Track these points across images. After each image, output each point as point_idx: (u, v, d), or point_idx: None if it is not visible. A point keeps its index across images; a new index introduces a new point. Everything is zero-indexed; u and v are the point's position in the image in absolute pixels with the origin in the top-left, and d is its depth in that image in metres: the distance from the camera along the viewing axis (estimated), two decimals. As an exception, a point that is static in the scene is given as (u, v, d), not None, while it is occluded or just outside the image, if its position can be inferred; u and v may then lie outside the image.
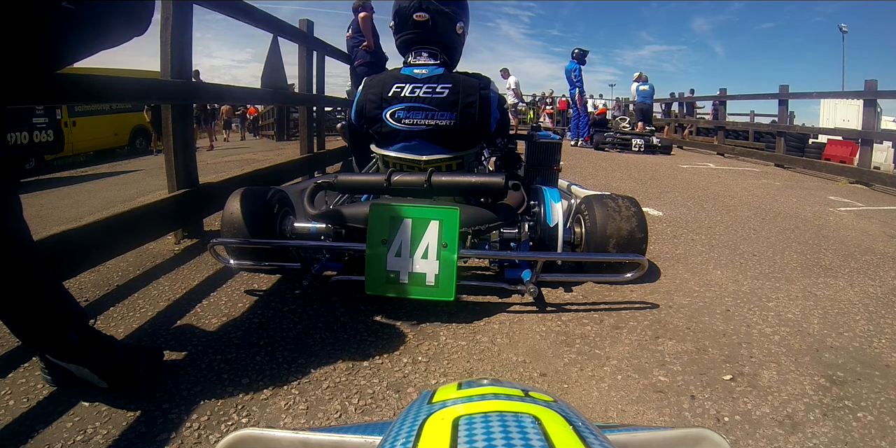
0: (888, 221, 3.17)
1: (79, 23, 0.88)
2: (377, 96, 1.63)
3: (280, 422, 1.02)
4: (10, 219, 0.95)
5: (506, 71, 9.81)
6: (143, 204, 1.99)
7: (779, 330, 1.48)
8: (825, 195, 4.24)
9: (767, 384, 1.19)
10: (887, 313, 1.64)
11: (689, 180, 4.82)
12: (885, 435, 1.02)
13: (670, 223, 2.84)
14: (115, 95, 1.97)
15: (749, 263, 2.13)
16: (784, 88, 7.03)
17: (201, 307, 1.55)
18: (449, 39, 1.69)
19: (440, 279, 1.38)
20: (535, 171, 2.34)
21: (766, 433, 1.01)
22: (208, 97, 3.16)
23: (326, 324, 1.45)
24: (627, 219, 1.72)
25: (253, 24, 2.89)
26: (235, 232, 1.71)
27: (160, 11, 2.06)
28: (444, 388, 0.35)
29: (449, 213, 1.39)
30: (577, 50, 7.88)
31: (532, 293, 1.53)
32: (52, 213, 3.22)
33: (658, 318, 1.53)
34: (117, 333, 1.36)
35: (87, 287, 1.69)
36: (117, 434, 0.97)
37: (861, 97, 5.55)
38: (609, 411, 1.08)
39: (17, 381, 1.14)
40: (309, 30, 3.93)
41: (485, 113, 1.64)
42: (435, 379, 1.19)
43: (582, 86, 8.07)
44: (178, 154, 2.15)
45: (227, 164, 5.78)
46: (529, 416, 0.28)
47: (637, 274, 1.54)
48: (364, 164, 1.95)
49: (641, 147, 7.82)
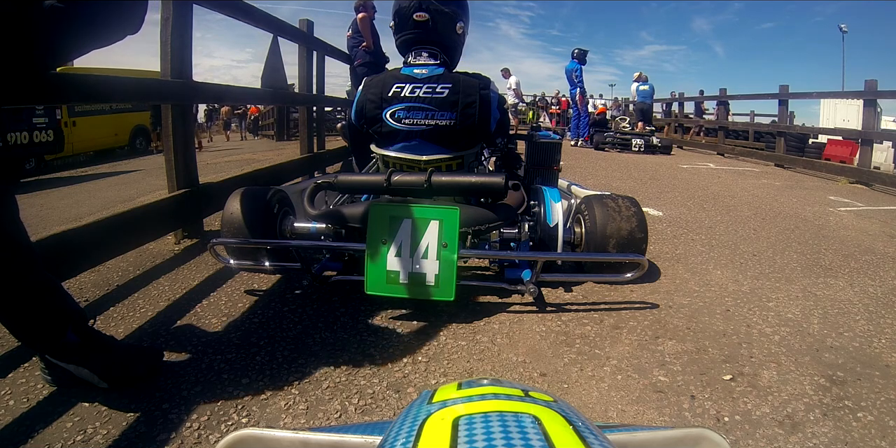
0: (888, 221, 3.17)
1: (70, 21, 0.88)
2: (377, 96, 1.63)
3: (280, 422, 1.02)
4: (6, 220, 0.96)
5: (507, 71, 9.82)
6: (143, 204, 1.99)
7: (779, 330, 1.48)
8: (825, 195, 4.24)
9: (767, 384, 1.19)
10: (887, 313, 1.64)
11: (689, 180, 4.82)
12: (885, 435, 1.02)
13: (670, 223, 2.84)
14: (115, 95, 1.97)
15: (749, 263, 2.13)
16: (784, 88, 7.03)
17: (201, 307, 1.55)
18: (449, 39, 1.69)
19: (440, 279, 1.38)
20: (535, 171, 2.34)
21: (766, 433, 1.01)
22: (208, 97, 3.16)
23: (326, 324, 1.45)
24: (627, 219, 1.72)
25: (253, 24, 2.89)
26: (235, 232, 1.71)
27: (160, 11, 2.06)
28: (444, 388, 0.35)
29: (449, 213, 1.39)
30: (577, 50, 7.88)
31: (532, 293, 1.52)
32: (52, 213, 3.22)
33: (658, 318, 1.53)
34: (117, 333, 1.36)
35: (87, 287, 1.69)
36: (117, 434, 0.97)
37: (861, 97, 5.55)
38: (609, 411, 1.08)
39: (17, 381, 1.14)
40: (309, 30, 3.93)
41: (485, 113, 1.64)
42: (435, 379, 1.19)
43: (583, 85, 8.07)
44: (178, 154, 2.15)
45: (228, 164, 5.78)
46: (529, 416, 0.28)
47: (637, 274, 1.54)
48: (364, 164, 1.95)
49: (641, 147, 7.82)
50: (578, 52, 7.87)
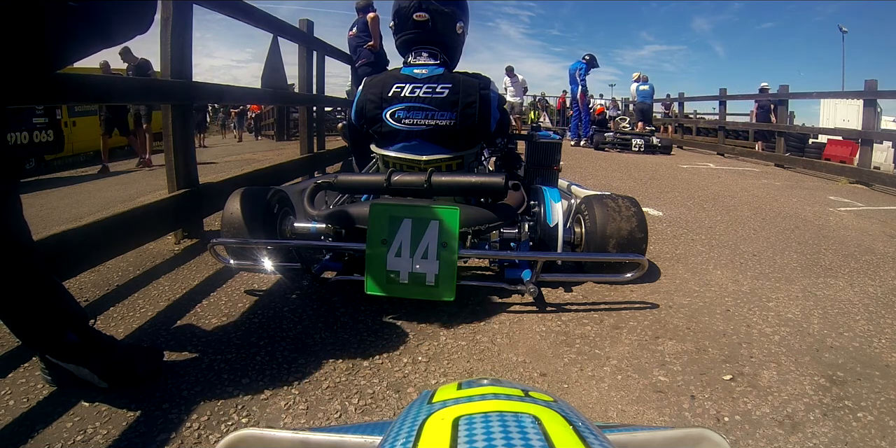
0: (888, 221, 3.17)
1: (82, 21, 0.88)
2: (377, 96, 1.63)
3: (280, 422, 1.02)
4: (11, 219, 0.95)
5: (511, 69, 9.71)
6: (143, 204, 1.99)
7: (779, 330, 1.48)
8: (825, 195, 4.24)
9: (767, 384, 1.19)
10: (887, 313, 1.64)
11: (689, 180, 4.82)
12: (885, 435, 1.02)
13: (670, 223, 2.84)
14: (115, 95, 1.97)
15: (749, 263, 2.13)
16: (784, 88, 7.04)
17: (201, 307, 1.55)
18: (449, 39, 1.69)
19: (440, 279, 1.38)
20: (534, 171, 2.34)
21: (766, 433, 1.01)
22: (208, 97, 3.16)
23: (326, 324, 1.45)
24: (627, 219, 1.72)
25: (253, 24, 2.89)
26: (236, 232, 1.71)
27: (160, 11, 2.06)
28: (444, 388, 0.35)
29: (449, 213, 1.39)
30: (588, 56, 7.93)
31: (532, 293, 1.52)
32: (52, 213, 3.22)
33: (658, 318, 1.53)
34: (117, 333, 1.36)
35: (87, 287, 1.69)
36: (117, 434, 0.97)
37: (861, 97, 5.56)
38: (609, 411, 1.08)
39: (17, 381, 1.14)
40: (309, 30, 3.93)
41: (485, 113, 1.64)
42: (435, 379, 1.19)
43: (586, 85, 8.06)
44: (178, 154, 2.15)
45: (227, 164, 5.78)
46: (529, 416, 0.28)
47: (637, 274, 1.54)
48: (364, 163, 1.95)
49: (641, 147, 7.83)
50: (590, 57, 7.91)
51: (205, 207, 2.32)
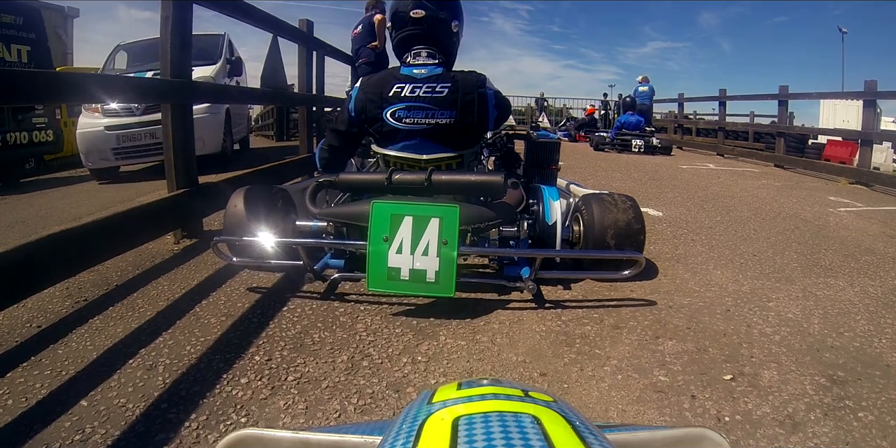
0: (888, 222, 3.17)
1: None
2: (377, 96, 1.64)
3: (279, 422, 1.02)
4: None
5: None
6: (143, 204, 1.99)
7: (779, 330, 1.48)
8: (825, 196, 4.24)
9: (768, 384, 1.19)
10: (887, 313, 1.63)
11: (689, 181, 4.82)
12: (885, 435, 1.02)
13: (670, 223, 2.84)
14: (114, 95, 1.96)
15: (749, 263, 2.13)
16: (784, 89, 7.03)
17: (201, 307, 1.55)
18: (445, 38, 1.71)
19: (440, 276, 1.39)
20: (534, 170, 2.34)
21: (766, 433, 1.01)
22: (208, 97, 3.16)
23: (326, 324, 1.45)
24: (624, 211, 1.75)
25: (253, 24, 2.89)
26: (238, 230, 1.71)
27: (160, 11, 2.06)
28: (444, 389, 0.34)
29: (449, 212, 1.40)
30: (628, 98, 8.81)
31: (531, 290, 1.53)
32: (52, 213, 3.22)
33: (658, 318, 1.53)
34: (116, 333, 1.37)
35: (87, 287, 1.69)
36: (116, 434, 0.96)
37: (861, 98, 5.55)
38: (609, 411, 1.08)
39: (14, 380, 1.14)
40: (309, 30, 3.93)
41: (483, 111, 1.66)
42: (435, 379, 1.18)
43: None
44: (178, 154, 2.15)
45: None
46: (529, 416, 0.28)
47: (634, 271, 1.54)
48: (342, 164, 1.92)
49: (641, 148, 7.82)
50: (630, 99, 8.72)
51: (204, 207, 2.32)
